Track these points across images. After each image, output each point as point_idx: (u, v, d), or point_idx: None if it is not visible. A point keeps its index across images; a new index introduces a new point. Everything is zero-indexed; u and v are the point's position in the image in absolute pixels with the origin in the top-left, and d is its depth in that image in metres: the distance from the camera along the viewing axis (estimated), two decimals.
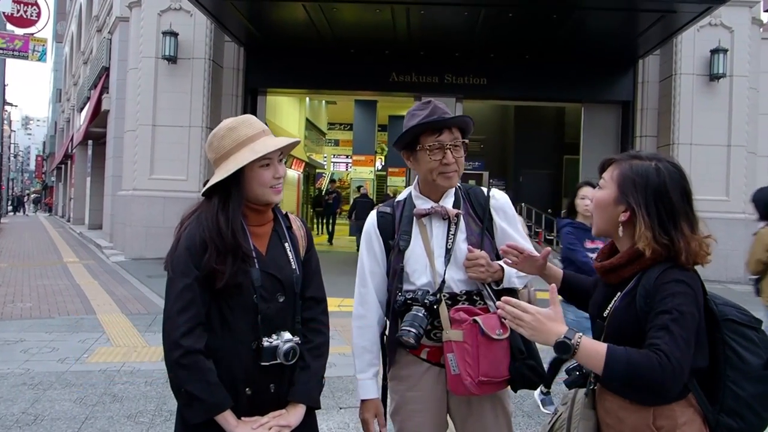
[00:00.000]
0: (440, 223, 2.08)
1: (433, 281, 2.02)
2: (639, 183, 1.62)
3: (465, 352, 1.90)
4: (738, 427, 1.58)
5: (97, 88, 19.30)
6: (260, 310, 1.77)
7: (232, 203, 1.77)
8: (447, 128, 2.02)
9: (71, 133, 28.76)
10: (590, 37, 12.08)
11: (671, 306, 1.51)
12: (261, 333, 1.76)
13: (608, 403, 1.65)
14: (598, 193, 1.73)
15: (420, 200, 2.13)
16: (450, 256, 2.03)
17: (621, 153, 1.75)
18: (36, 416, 4.01)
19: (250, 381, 1.77)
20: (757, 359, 1.58)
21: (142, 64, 12.98)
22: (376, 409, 2.08)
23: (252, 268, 1.78)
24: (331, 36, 12.49)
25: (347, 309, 7.67)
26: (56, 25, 47.21)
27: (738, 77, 12.49)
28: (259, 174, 1.79)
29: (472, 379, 1.89)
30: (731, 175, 12.47)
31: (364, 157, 24.14)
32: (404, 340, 1.93)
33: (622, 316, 1.61)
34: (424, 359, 2.05)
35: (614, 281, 1.68)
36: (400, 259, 2.06)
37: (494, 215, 2.12)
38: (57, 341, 6.00)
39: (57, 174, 41.44)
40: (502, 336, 1.94)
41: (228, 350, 1.75)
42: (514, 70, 13.51)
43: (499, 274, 2.02)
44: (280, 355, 1.76)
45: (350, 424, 4.00)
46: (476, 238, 2.06)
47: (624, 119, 13.79)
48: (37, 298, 8.42)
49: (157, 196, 12.49)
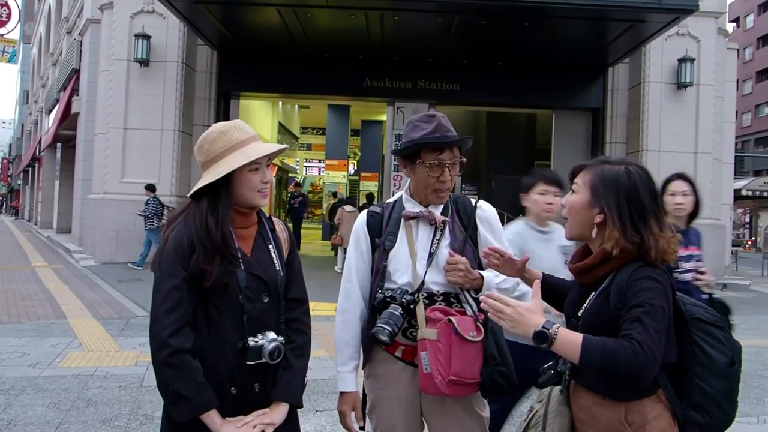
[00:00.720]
0: (426, 228, 2.14)
1: (413, 282, 2.07)
2: (610, 186, 1.71)
3: (438, 351, 1.95)
4: (705, 422, 1.65)
5: (66, 91, 18.97)
6: (246, 310, 1.80)
7: (221, 205, 1.80)
8: (449, 148, 2.09)
9: (39, 136, 28.22)
10: (561, 45, 12.30)
11: (643, 300, 1.58)
12: (247, 332, 1.79)
13: (582, 399, 1.72)
14: (572, 198, 1.80)
15: (410, 203, 2.19)
16: (432, 260, 2.09)
17: (591, 159, 1.83)
18: (9, 421, 3.95)
19: (235, 380, 1.79)
20: (722, 357, 1.66)
21: (114, 66, 12.81)
22: (354, 402, 2.14)
23: (237, 269, 1.81)
24: (305, 41, 12.51)
25: (320, 313, 7.74)
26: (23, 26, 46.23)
27: (704, 86, 12.85)
28: (249, 178, 1.83)
29: (442, 378, 1.93)
30: (698, 182, 12.68)
31: (336, 161, 24.14)
32: (378, 336, 1.98)
33: (596, 313, 1.68)
34: (399, 358, 2.10)
35: (588, 281, 1.75)
36: (383, 258, 2.12)
37: (479, 225, 2.18)
38: (28, 346, 5.90)
39: (24, 177, 40.56)
40: (476, 338, 1.98)
41: (214, 350, 1.78)
42: (486, 76, 13.67)
43: (478, 282, 2.08)
44: (265, 354, 1.79)
45: (326, 426, 4.02)
46: (459, 244, 2.12)
47: (594, 126, 14.06)
48: (6, 303, 8.25)
49: (129, 200, 12.33)
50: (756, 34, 49.30)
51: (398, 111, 14.06)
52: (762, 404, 4.91)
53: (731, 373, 1.67)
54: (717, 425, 1.67)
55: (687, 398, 1.65)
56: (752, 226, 40.87)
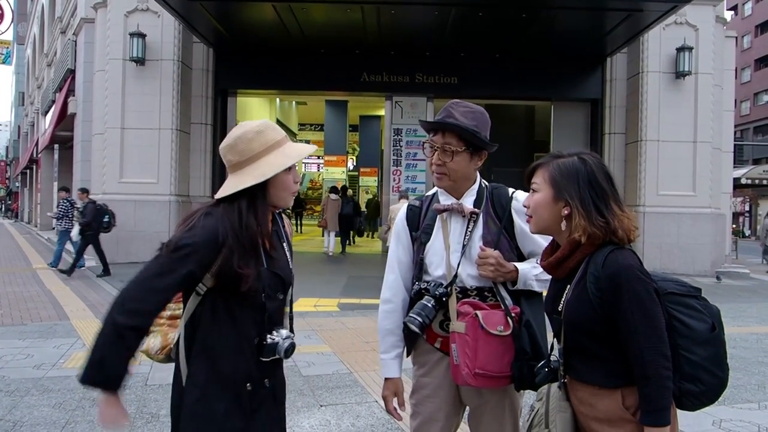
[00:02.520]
0: (458, 220, 2.15)
1: (447, 274, 2.10)
2: (570, 177, 1.75)
3: (465, 344, 1.98)
4: (699, 391, 1.68)
5: (62, 91, 18.92)
6: (267, 308, 1.83)
7: (260, 206, 1.79)
8: (440, 131, 2.11)
9: (36, 137, 28.15)
10: (559, 36, 12.29)
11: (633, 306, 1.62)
12: (265, 330, 1.82)
13: (580, 392, 1.74)
14: (535, 197, 1.81)
15: (444, 196, 2.20)
16: (464, 252, 2.10)
17: (545, 156, 1.85)
18: (15, 422, 3.94)
19: (250, 377, 1.81)
20: (702, 324, 1.69)
21: (109, 66, 12.78)
22: (396, 387, 2.19)
23: (262, 268, 1.82)
24: (301, 36, 12.47)
25: (323, 309, 7.74)
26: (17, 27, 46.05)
27: (703, 74, 12.83)
28: (285, 178, 1.83)
29: (469, 370, 1.96)
30: (697, 171, 12.79)
31: (335, 157, 24.11)
32: (409, 326, 2.03)
33: (576, 306, 1.70)
34: (438, 348, 2.14)
35: (562, 275, 1.78)
36: (421, 251, 2.16)
37: (515, 217, 2.14)
38: (31, 348, 5.89)
39: (22, 179, 40.47)
40: (503, 333, 1.99)
41: (233, 347, 1.79)
42: (484, 69, 13.66)
43: (512, 275, 2.06)
44: (281, 351, 1.81)
45: (331, 421, 4.02)
46: (492, 237, 2.11)
47: (593, 117, 14.06)
48: (8, 306, 8.23)
49: (128, 200, 12.31)
50: (754, 21, 49.23)
51: (396, 105, 14.04)
52: (763, 390, 4.92)
53: (714, 338, 1.69)
54: (712, 391, 1.70)
55: (677, 371, 1.67)
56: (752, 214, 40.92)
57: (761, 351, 6.28)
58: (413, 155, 14.15)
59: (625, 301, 1.61)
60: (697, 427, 4.00)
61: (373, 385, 4.70)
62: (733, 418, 4.21)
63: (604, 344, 1.68)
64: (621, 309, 1.62)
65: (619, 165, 13.45)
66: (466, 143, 2.10)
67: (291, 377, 4.93)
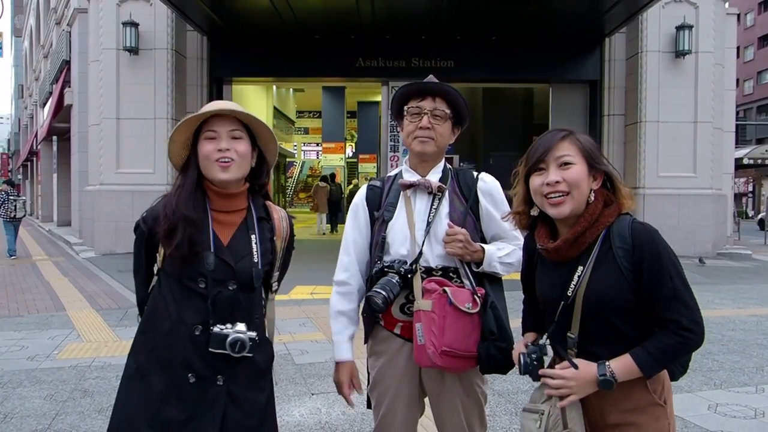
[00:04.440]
0: (424, 197, 2.10)
1: (411, 252, 2.04)
2: (597, 150, 1.70)
3: (431, 322, 1.91)
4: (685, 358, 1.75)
5: (58, 83, 18.85)
6: (210, 295, 1.75)
7: (187, 176, 1.82)
8: (430, 96, 2.07)
9: (35, 129, 28.11)
10: (556, 16, 12.11)
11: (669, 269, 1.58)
12: (211, 318, 1.75)
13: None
14: (574, 170, 1.65)
15: (408, 173, 2.16)
16: (429, 229, 2.04)
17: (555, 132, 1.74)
18: (5, 414, 3.93)
19: (191, 367, 1.75)
20: None
21: (103, 56, 12.67)
22: (351, 371, 2.12)
23: (206, 252, 1.77)
24: (294, 22, 12.34)
25: (320, 296, 7.71)
26: (14, 19, 45.87)
27: (703, 53, 12.65)
28: (202, 146, 1.82)
29: (435, 349, 1.89)
30: (698, 152, 12.66)
31: (334, 144, 24.04)
32: (372, 300, 1.95)
33: (605, 284, 1.60)
34: (398, 335, 2.06)
35: (575, 254, 1.65)
36: (383, 230, 2.09)
37: (481, 197, 2.12)
38: (26, 339, 5.88)
39: (23, 171, 40.48)
40: (472, 310, 1.94)
41: (168, 327, 1.76)
42: (481, 52, 13.50)
43: (478, 255, 2.03)
44: (227, 344, 1.73)
45: (322, 409, 3.99)
46: (459, 216, 2.07)
47: (592, 98, 13.90)
48: (6, 297, 8.24)
49: (125, 190, 12.28)
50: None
51: (393, 90, 13.92)
52: (761, 373, 4.88)
53: None
54: (689, 359, 1.77)
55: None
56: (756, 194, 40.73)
57: (760, 333, 6.24)
58: None
59: (664, 266, 1.56)
60: (693, 412, 3.96)
61: (366, 373, 4.66)
62: (730, 402, 4.16)
63: (632, 322, 1.60)
64: (659, 275, 1.56)
65: (618, 147, 13.34)
66: (453, 110, 2.09)
67: (284, 365, 4.92)
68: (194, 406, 1.73)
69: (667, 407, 1.64)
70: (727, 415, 3.91)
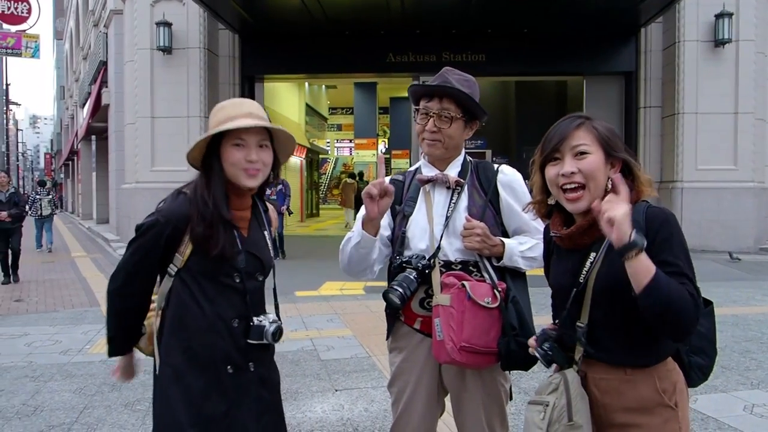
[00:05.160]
0: (443, 191, 2.08)
1: (430, 247, 2.02)
2: (616, 137, 1.62)
3: (450, 317, 1.88)
4: (705, 364, 1.63)
5: (96, 83, 19.28)
6: (247, 289, 1.82)
7: (214, 177, 1.81)
8: (437, 97, 2.03)
9: (75, 129, 28.83)
10: (590, 6, 11.86)
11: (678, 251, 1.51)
12: (251, 311, 1.82)
13: (605, 382, 1.59)
14: (589, 160, 1.57)
15: (427, 168, 2.14)
16: (448, 224, 2.02)
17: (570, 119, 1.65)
18: (36, 407, 4.02)
19: (230, 359, 1.79)
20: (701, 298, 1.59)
21: (138, 56, 12.92)
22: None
23: (237, 248, 1.83)
24: (324, 19, 12.36)
25: (349, 292, 7.69)
26: (55, 22, 47.14)
27: (744, 42, 12.23)
28: (230, 153, 1.81)
29: (453, 344, 1.85)
30: (739, 144, 12.25)
31: (366, 140, 24.03)
32: (389, 297, 1.94)
33: (616, 270, 1.50)
34: (418, 330, 2.04)
35: (588, 242, 1.60)
36: (403, 225, 2.08)
37: (501, 190, 2.08)
38: (60, 334, 6.02)
39: (65, 171, 41.69)
40: (491, 305, 1.90)
41: (206, 326, 1.78)
42: (512, 45, 13.32)
43: (498, 249, 1.99)
44: (267, 335, 1.81)
45: (345, 405, 3.97)
46: (478, 209, 2.04)
47: (627, 90, 13.59)
48: (44, 293, 8.46)
49: (160, 188, 12.38)
50: None
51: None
52: None
53: (710, 312, 1.66)
54: (711, 366, 1.65)
55: (688, 343, 1.61)
56: None
57: None
58: None
59: (676, 245, 1.50)
60: (727, 412, 3.80)
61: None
62: (767, 402, 3.99)
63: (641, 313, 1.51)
64: (669, 258, 1.48)
65: (655, 140, 13.01)
66: (462, 110, 2.04)
67: (309, 361, 4.91)
68: (232, 395, 1.79)
69: (678, 411, 1.55)
70: (763, 417, 3.75)
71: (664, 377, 1.54)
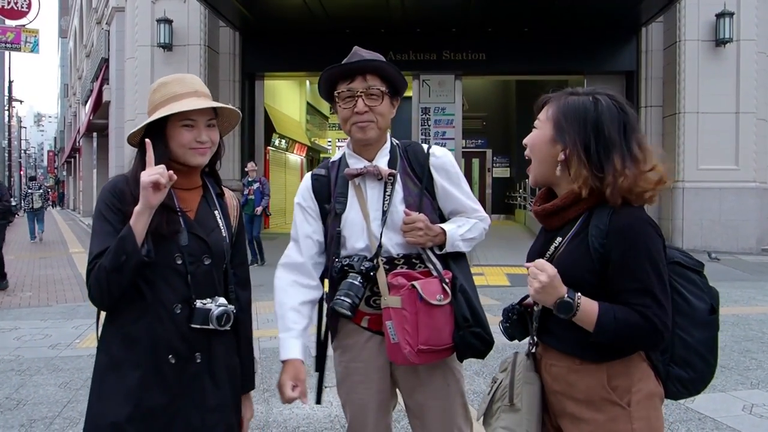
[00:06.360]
0: (375, 184, 1.94)
1: (370, 246, 1.90)
2: (574, 119, 1.52)
3: (403, 320, 1.78)
4: (689, 377, 1.52)
5: (98, 80, 19.31)
6: (189, 271, 1.70)
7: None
8: (360, 75, 1.88)
9: (78, 127, 28.89)
10: (590, 5, 11.81)
11: (647, 263, 1.43)
12: (193, 294, 1.70)
13: (555, 369, 1.56)
14: (533, 134, 1.60)
15: (353, 159, 1.98)
16: (386, 219, 1.90)
17: (560, 91, 1.62)
18: (19, 401, 3.99)
19: (172, 348, 1.67)
20: (703, 304, 1.52)
21: (138, 53, 12.92)
22: (297, 371, 1.87)
23: (179, 227, 1.72)
24: (325, 17, 12.33)
25: None
26: (60, 20, 47.29)
27: (745, 41, 12.15)
28: (179, 133, 1.74)
29: (411, 348, 1.77)
30: (740, 143, 12.17)
31: None
32: (339, 310, 1.82)
33: (571, 258, 1.50)
34: (366, 328, 1.93)
35: (556, 225, 1.58)
36: (337, 224, 1.93)
37: (434, 174, 1.96)
38: (51, 328, 5.99)
39: (67, 168, 41.79)
40: (443, 302, 1.81)
41: (145, 312, 1.67)
42: (513, 43, 13.26)
43: (440, 238, 1.89)
44: (213, 318, 1.67)
45: (332, 402, 3.92)
46: (414, 198, 1.92)
47: (628, 90, 13.50)
48: (38, 288, 8.45)
49: None
50: None
51: (424, 84, 13.81)
52: None
53: (712, 321, 1.53)
54: (701, 379, 1.54)
55: (669, 352, 1.51)
56: None
57: None
58: (442, 134, 13.93)
59: (639, 257, 1.42)
60: (725, 412, 3.74)
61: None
62: (767, 402, 3.92)
63: None
64: (630, 266, 1.42)
65: (656, 139, 12.92)
66: (388, 85, 1.91)
67: None
68: (175, 387, 1.67)
69: (631, 411, 1.47)
70: (763, 417, 3.68)
71: (619, 375, 1.48)
